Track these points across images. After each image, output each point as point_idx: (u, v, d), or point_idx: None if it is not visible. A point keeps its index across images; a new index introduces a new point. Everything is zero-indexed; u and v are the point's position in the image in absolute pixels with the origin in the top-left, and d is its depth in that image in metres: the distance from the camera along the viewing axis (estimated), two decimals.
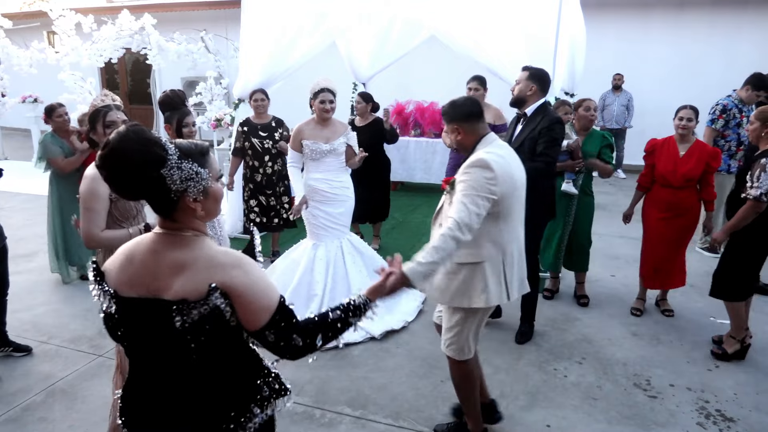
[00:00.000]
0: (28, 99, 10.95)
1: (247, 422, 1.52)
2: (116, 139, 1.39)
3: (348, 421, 3.11)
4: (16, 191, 7.79)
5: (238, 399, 1.53)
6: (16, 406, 3.23)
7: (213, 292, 1.40)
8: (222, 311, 1.41)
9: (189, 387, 1.49)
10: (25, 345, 3.82)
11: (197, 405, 1.50)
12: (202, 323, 1.41)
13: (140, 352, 1.53)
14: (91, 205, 2.48)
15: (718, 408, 3.23)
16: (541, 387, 3.44)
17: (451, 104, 2.67)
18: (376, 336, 3.98)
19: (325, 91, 4.11)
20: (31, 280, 5.02)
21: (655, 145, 4.21)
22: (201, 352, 1.45)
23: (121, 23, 9.17)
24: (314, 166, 4.21)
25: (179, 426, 1.51)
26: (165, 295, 1.42)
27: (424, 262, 2.24)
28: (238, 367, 1.54)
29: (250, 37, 5.65)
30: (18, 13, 12.95)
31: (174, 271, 1.44)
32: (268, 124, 5.27)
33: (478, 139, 2.63)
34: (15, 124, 13.41)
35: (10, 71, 9.75)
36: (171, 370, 1.49)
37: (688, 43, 9.85)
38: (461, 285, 2.60)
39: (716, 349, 3.79)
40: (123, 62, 13.48)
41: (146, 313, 1.45)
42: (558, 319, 4.35)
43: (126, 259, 1.51)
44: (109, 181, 1.42)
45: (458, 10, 4.89)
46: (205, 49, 9.68)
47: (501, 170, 2.48)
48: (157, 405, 1.53)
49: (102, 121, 2.62)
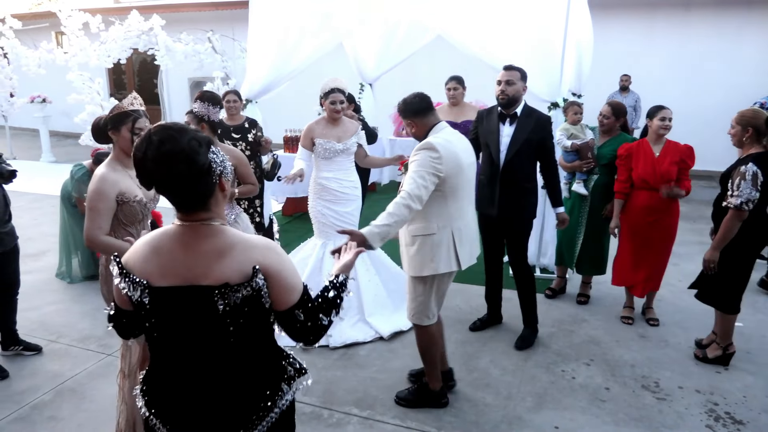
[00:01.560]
0: (37, 99, 11.02)
1: (279, 400, 1.61)
2: (169, 134, 1.43)
3: (356, 422, 3.11)
4: (24, 191, 7.83)
5: (271, 378, 1.62)
6: (25, 405, 3.25)
7: (257, 273, 1.47)
8: (261, 292, 1.49)
9: (226, 370, 1.55)
10: (34, 344, 3.85)
11: (234, 386, 1.56)
12: (242, 305, 1.48)
13: (172, 341, 1.57)
14: (96, 204, 2.48)
15: (728, 410, 3.22)
16: (549, 388, 3.43)
17: (403, 102, 3.05)
18: (384, 336, 4.00)
19: (336, 91, 4.10)
20: (40, 279, 5.05)
21: (630, 149, 4.09)
22: (238, 334, 1.52)
23: (129, 24, 9.21)
24: (325, 165, 4.20)
25: (217, 409, 1.55)
26: (204, 282, 1.47)
27: (380, 224, 2.66)
28: (268, 348, 1.63)
29: (257, 38, 5.66)
30: (27, 13, 13.04)
31: (213, 258, 1.48)
32: (241, 125, 5.10)
33: (428, 129, 2.99)
34: (23, 124, 13.51)
35: (19, 71, 9.80)
36: (208, 355, 1.54)
37: (693, 44, 9.81)
38: (415, 255, 2.99)
39: (697, 352, 3.77)
40: (131, 63, 13.56)
41: (184, 301, 1.49)
42: (565, 320, 4.34)
43: (152, 250, 1.53)
44: (165, 178, 1.45)
45: (464, 10, 4.88)
46: (212, 49, 9.71)
47: (446, 152, 2.82)
48: (193, 391, 1.57)
49: (131, 126, 2.57)
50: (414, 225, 2.95)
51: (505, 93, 3.69)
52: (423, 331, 3.11)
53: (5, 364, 3.60)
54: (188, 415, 1.57)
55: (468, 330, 4.16)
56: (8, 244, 3.54)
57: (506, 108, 3.75)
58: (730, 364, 3.68)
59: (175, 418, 1.59)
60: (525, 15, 4.66)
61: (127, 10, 9.60)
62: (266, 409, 1.57)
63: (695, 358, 3.76)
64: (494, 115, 3.82)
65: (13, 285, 3.70)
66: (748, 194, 3.29)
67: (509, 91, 3.68)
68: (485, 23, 4.81)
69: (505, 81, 3.69)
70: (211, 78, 9.52)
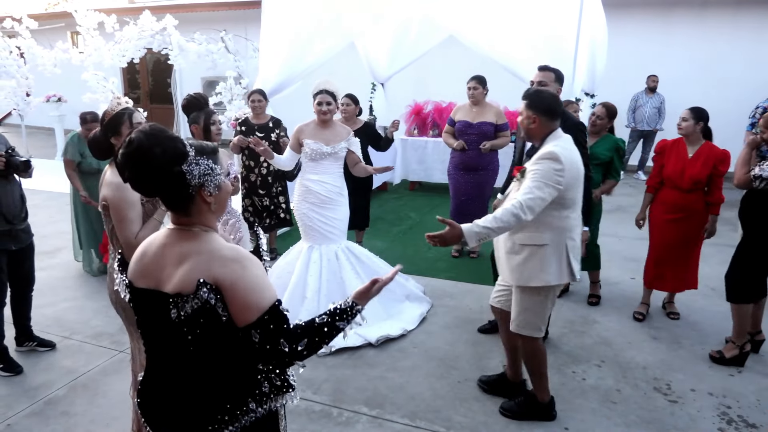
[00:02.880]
0: (52, 98, 11.14)
1: (243, 416, 1.55)
2: (141, 137, 1.45)
3: (365, 420, 3.12)
4: (40, 189, 7.92)
5: (235, 392, 1.56)
6: (39, 400, 3.29)
7: (201, 287, 1.44)
8: (213, 306, 1.45)
9: (188, 376, 1.55)
10: (48, 340, 3.90)
11: (195, 394, 1.55)
12: (196, 317, 1.47)
13: (150, 342, 1.63)
14: (124, 214, 2.44)
15: (740, 414, 3.18)
16: (560, 389, 3.41)
17: (537, 92, 2.89)
18: (372, 342, 3.91)
19: (323, 92, 4.06)
20: (55, 276, 5.11)
21: (665, 146, 4.14)
22: (198, 344, 1.51)
23: (143, 24, 9.29)
24: (311, 167, 4.16)
25: (181, 413, 1.57)
26: (165, 288, 1.50)
27: (482, 225, 2.57)
28: (235, 360, 1.55)
29: (269, 38, 5.69)
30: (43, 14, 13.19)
31: (176, 263, 1.50)
32: (266, 124, 5.29)
33: (548, 133, 2.83)
34: (39, 123, 13.65)
35: (35, 71, 9.92)
36: (173, 360, 1.57)
37: (710, 43, 9.68)
38: (522, 265, 2.84)
39: (714, 353, 3.75)
40: (144, 62, 13.67)
41: (151, 304, 1.54)
42: (576, 321, 4.32)
43: (141, 252, 1.61)
44: (132, 178, 1.48)
45: (477, 9, 4.87)
46: (225, 49, 9.75)
47: (568, 162, 2.69)
48: (165, 393, 1.61)
49: (129, 123, 2.57)
50: (523, 233, 2.80)
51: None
52: (530, 342, 2.97)
53: (20, 360, 3.65)
54: (159, 417, 1.61)
55: (477, 330, 4.15)
56: (24, 240, 3.58)
57: None
58: (744, 366, 3.64)
59: (151, 419, 1.63)
60: (537, 14, 4.65)
61: (140, 10, 9.68)
62: (223, 422, 1.53)
63: (710, 359, 3.73)
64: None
65: (29, 281, 3.75)
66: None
67: None
68: (497, 22, 4.80)
69: (538, 82, 3.59)
70: (223, 77, 9.57)
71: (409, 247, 6.04)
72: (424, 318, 4.34)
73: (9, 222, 3.42)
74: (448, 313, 4.45)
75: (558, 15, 4.63)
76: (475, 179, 5.40)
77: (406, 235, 6.54)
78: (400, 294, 4.47)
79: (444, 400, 3.30)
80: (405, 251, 5.91)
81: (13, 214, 3.44)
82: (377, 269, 4.34)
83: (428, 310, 4.46)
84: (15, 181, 3.52)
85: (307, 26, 5.49)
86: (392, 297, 4.36)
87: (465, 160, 5.35)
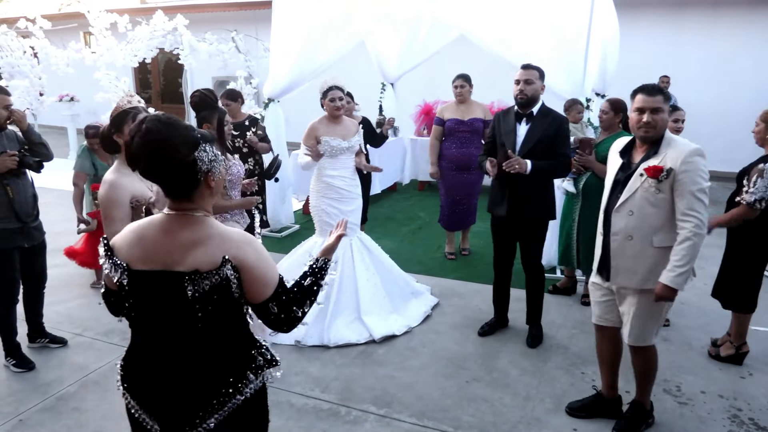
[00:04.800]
0: (65, 98, 11.24)
1: (244, 387, 1.66)
2: (159, 126, 1.52)
3: (373, 419, 3.12)
4: (52, 187, 7.99)
5: (236, 366, 1.67)
6: (51, 396, 3.33)
7: (226, 264, 1.54)
8: (230, 282, 1.56)
9: (193, 353, 1.62)
10: (60, 337, 3.94)
11: (199, 370, 1.62)
12: (211, 293, 1.55)
13: (147, 322, 1.66)
14: (110, 212, 2.47)
15: (751, 416, 3.15)
16: (568, 390, 3.40)
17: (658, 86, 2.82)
18: (376, 339, 3.96)
19: (334, 88, 4.12)
20: (67, 273, 5.15)
21: None
22: (206, 321, 1.59)
23: (155, 24, 9.34)
24: (330, 163, 4.20)
25: (181, 391, 1.61)
26: (178, 268, 1.56)
27: (684, 269, 2.57)
28: (237, 337, 1.68)
29: (280, 38, 5.71)
30: (56, 14, 13.31)
31: (189, 246, 1.57)
32: (242, 123, 5.30)
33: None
34: (52, 122, 13.77)
35: (48, 71, 10.01)
36: (177, 338, 1.62)
37: (722, 44, 9.59)
38: (660, 267, 2.66)
39: (711, 350, 3.77)
40: (156, 62, 13.75)
41: (158, 285, 1.58)
42: (586, 322, 4.28)
43: (136, 237, 1.64)
44: (148, 165, 1.54)
45: (487, 9, 4.86)
46: (235, 49, 9.79)
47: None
48: (162, 371, 1.64)
49: (131, 123, 2.60)
50: (659, 235, 2.68)
51: (524, 93, 3.65)
52: (651, 350, 2.91)
53: (32, 356, 3.69)
54: (153, 393, 1.65)
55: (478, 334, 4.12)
56: (37, 238, 3.63)
57: (524, 107, 3.71)
58: (753, 368, 3.62)
59: (142, 394, 1.67)
60: (548, 13, 4.63)
61: (152, 11, 9.74)
62: (227, 395, 1.63)
63: (708, 356, 3.75)
64: (511, 114, 3.78)
65: (41, 279, 3.79)
66: (764, 192, 3.26)
67: (528, 91, 3.65)
68: (507, 21, 4.79)
69: (524, 80, 3.65)
70: (234, 77, 9.61)
71: (419, 247, 6.04)
72: (428, 316, 4.37)
73: (21, 220, 3.46)
74: (457, 312, 4.45)
75: (569, 15, 4.61)
76: (467, 178, 5.46)
77: (415, 234, 6.54)
78: (407, 291, 4.53)
79: (452, 400, 3.30)
80: (414, 251, 5.91)
81: (25, 212, 3.48)
82: (384, 261, 4.47)
83: (433, 308, 4.49)
84: (28, 180, 3.56)
85: (318, 26, 5.50)
86: (400, 293, 4.41)
87: (459, 159, 5.40)
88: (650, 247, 2.70)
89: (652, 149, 2.72)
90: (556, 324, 4.23)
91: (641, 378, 3.00)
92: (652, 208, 2.67)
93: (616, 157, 2.91)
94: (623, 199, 2.74)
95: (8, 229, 3.41)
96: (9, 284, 3.53)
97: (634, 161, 2.80)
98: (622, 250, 2.77)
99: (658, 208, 2.66)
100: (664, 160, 2.65)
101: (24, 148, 3.49)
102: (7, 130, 3.47)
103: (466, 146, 5.35)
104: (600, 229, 2.93)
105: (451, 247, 5.77)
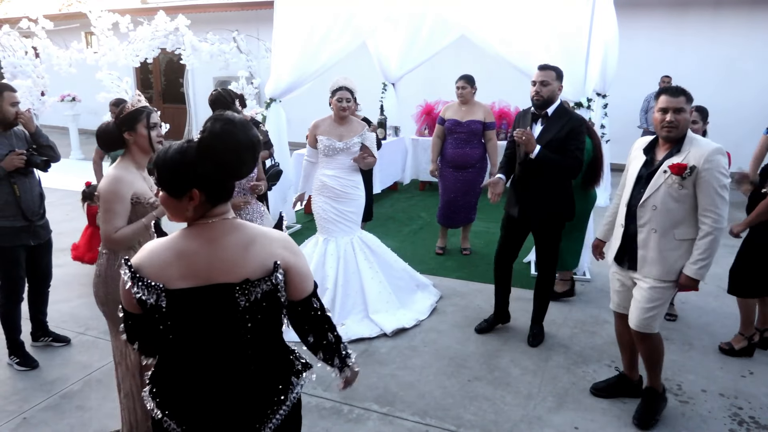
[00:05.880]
0: (67, 98, 11.26)
1: (291, 393, 1.65)
2: (237, 129, 1.47)
3: (375, 417, 3.14)
4: (56, 187, 8.02)
5: (282, 372, 1.65)
6: (55, 394, 3.35)
7: (277, 269, 1.51)
8: (278, 287, 1.53)
9: (242, 366, 1.57)
10: (63, 335, 3.96)
11: (249, 382, 1.58)
12: (261, 301, 1.52)
13: (187, 341, 1.56)
14: (112, 206, 2.47)
15: (752, 415, 3.17)
16: (570, 389, 3.41)
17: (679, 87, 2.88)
18: (388, 333, 4.03)
19: (343, 89, 4.15)
20: (70, 273, 5.17)
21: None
22: (255, 330, 1.55)
23: (156, 24, 9.36)
24: (327, 163, 4.25)
25: (233, 405, 1.56)
26: (225, 279, 1.50)
27: (706, 261, 2.75)
28: (278, 343, 1.67)
29: (281, 38, 5.73)
30: (59, 14, 13.32)
31: (239, 253, 1.52)
32: None
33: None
34: (54, 122, 13.79)
35: (50, 71, 10.03)
36: (224, 352, 1.56)
37: (724, 44, 9.60)
38: (680, 260, 2.84)
39: (723, 345, 3.82)
40: (157, 62, 13.77)
41: (204, 300, 1.50)
42: (588, 321, 4.31)
43: (173, 254, 1.52)
44: (227, 165, 1.47)
45: (488, 9, 4.87)
46: (237, 49, 9.81)
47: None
48: (209, 389, 1.57)
49: (146, 122, 2.58)
50: (681, 228, 2.83)
51: (540, 94, 3.66)
52: (656, 337, 3.00)
53: (36, 355, 3.71)
54: (204, 413, 1.57)
55: (475, 330, 4.15)
56: (43, 237, 3.65)
57: (540, 108, 3.72)
58: (753, 367, 3.63)
59: (190, 417, 1.58)
60: (549, 13, 4.64)
61: (154, 11, 9.75)
62: (279, 402, 1.61)
63: (720, 351, 3.78)
64: (529, 115, 3.81)
65: (46, 277, 3.82)
66: None
67: (544, 93, 3.65)
68: (509, 22, 4.79)
69: (540, 81, 3.64)
70: (236, 77, 9.63)
71: (420, 246, 6.06)
72: (435, 308, 4.44)
73: (28, 218, 3.48)
74: (458, 312, 4.46)
75: (570, 15, 4.62)
76: (465, 177, 5.50)
77: (416, 234, 6.55)
78: (412, 284, 4.57)
79: (454, 399, 3.32)
80: (416, 250, 5.92)
81: (32, 210, 3.51)
82: (387, 258, 4.50)
83: (438, 299, 4.57)
84: (35, 179, 3.59)
85: (320, 26, 5.51)
86: (405, 287, 4.46)
87: (455, 158, 5.45)
88: (673, 239, 2.84)
89: (675, 147, 2.85)
90: (557, 323, 4.25)
91: (649, 364, 3.10)
92: (674, 203, 2.80)
93: (640, 153, 3.01)
94: (647, 194, 2.87)
95: (15, 227, 3.44)
96: (14, 282, 3.55)
97: (657, 158, 2.91)
98: (647, 241, 2.90)
99: (681, 203, 2.79)
100: (687, 158, 2.77)
101: (32, 147, 3.52)
102: (17, 130, 3.50)
103: (462, 147, 5.42)
104: (621, 221, 3.04)
105: (442, 242, 5.84)
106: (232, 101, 3.45)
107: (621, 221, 3.04)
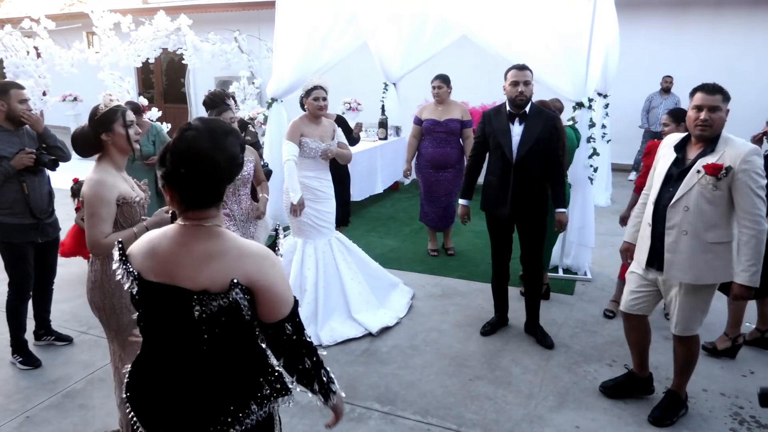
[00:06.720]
0: (68, 98, 11.28)
1: (245, 418, 1.53)
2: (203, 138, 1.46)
3: (377, 417, 3.15)
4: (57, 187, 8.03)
5: (239, 394, 1.55)
6: (57, 393, 3.36)
7: (234, 287, 1.44)
8: (240, 305, 1.46)
9: (195, 375, 1.53)
10: (66, 335, 3.97)
11: (200, 394, 1.53)
12: (219, 315, 1.46)
13: (154, 335, 1.60)
14: (97, 210, 2.42)
15: (753, 414, 3.18)
16: (571, 388, 3.42)
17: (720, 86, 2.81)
18: (373, 332, 4.04)
19: (319, 88, 4.10)
20: (72, 272, 5.19)
21: (653, 146, 4.03)
22: (212, 343, 1.50)
23: (158, 24, 9.38)
24: (308, 164, 4.19)
25: (181, 410, 1.54)
26: (187, 285, 1.47)
27: (756, 267, 2.66)
28: (243, 362, 1.57)
29: (283, 38, 5.73)
30: (60, 14, 13.35)
31: (202, 261, 1.48)
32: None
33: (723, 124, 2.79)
34: (55, 122, 13.81)
35: (52, 71, 10.04)
36: (181, 356, 1.54)
37: (725, 44, 9.60)
38: (713, 263, 2.76)
39: (707, 344, 3.80)
40: (159, 62, 13.78)
41: (166, 299, 1.50)
42: (588, 321, 4.32)
43: (150, 248, 1.56)
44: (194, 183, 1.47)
45: (490, 9, 4.88)
46: (238, 49, 9.83)
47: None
48: (163, 387, 1.57)
49: (122, 121, 2.54)
50: (714, 231, 2.74)
51: (523, 94, 3.65)
52: (694, 340, 2.97)
53: (38, 354, 3.72)
54: (153, 412, 1.57)
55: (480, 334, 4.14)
56: (51, 234, 3.68)
57: (521, 108, 3.71)
58: (753, 366, 3.65)
59: (152, 423, 1.58)
60: (551, 13, 4.65)
61: (155, 11, 9.77)
62: (226, 423, 1.51)
63: (704, 350, 3.76)
64: (503, 114, 3.77)
65: (51, 275, 3.84)
66: None
67: (527, 92, 3.67)
68: (510, 22, 4.80)
69: (524, 82, 3.65)
70: (237, 77, 9.66)
71: (421, 246, 6.06)
72: (411, 305, 4.52)
73: (36, 216, 3.51)
74: (460, 311, 4.47)
75: (571, 15, 4.63)
76: (445, 177, 5.53)
77: (417, 234, 6.56)
78: (387, 283, 4.62)
79: (455, 398, 3.33)
80: (417, 250, 5.93)
81: (40, 208, 3.54)
82: (362, 256, 4.55)
83: (412, 296, 4.66)
84: (44, 177, 3.63)
85: (321, 26, 5.52)
86: (381, 286, 4.52)
87: (435, 158, 5.48)
88: (705, 243, 2.75)
89: (708, 147, 2.76)
90: (557, 323, 4.26)
91: (683, 366, 3.05)
92: (708, 204, 2.71)
93: (670, 151, 2.93)
94: (679, 195, 2.78)
95: (23, 224, 3.47)
96: (22, 278, 3.58)
97: (689, 157, 2.83)
98: (676, 244, 2.81)
99: (714, 205, 2.71)
100: (722, 158, 2.69)
101: (42, 146, 3.55)
102: (28, 129, 3.52)
103: (442, 146, 5.45)
104: (648, 220, 2.94)
105: (433, 245, 5.86)
106: (221, 101, 3.46)
107: (648, 220, 2.95)
